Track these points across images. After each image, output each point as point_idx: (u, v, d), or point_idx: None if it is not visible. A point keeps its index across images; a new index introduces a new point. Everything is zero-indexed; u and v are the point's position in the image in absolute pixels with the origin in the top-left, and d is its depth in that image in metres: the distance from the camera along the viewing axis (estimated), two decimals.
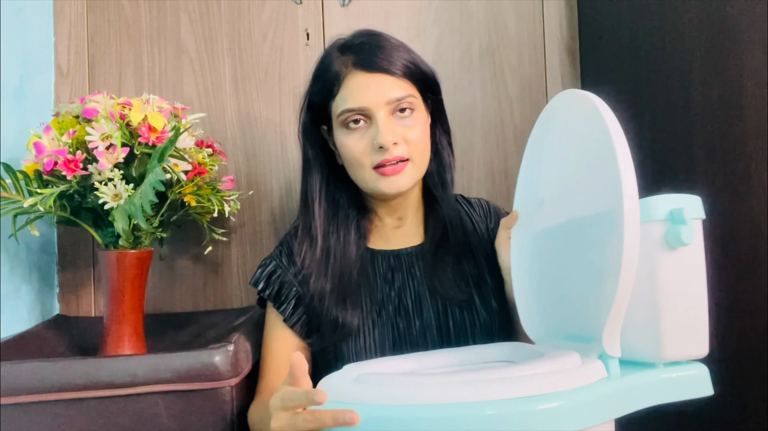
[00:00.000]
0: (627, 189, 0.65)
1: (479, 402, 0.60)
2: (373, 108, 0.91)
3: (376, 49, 0.93)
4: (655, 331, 0.70)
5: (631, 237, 0.65)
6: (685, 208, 0.70)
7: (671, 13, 1.03)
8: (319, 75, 0.98)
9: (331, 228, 0.98)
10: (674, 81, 1.02)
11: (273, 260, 1.01)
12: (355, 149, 0.93)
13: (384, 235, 1.03)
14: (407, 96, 0.93)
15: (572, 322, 0.79)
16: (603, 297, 0.69)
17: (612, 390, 0.66)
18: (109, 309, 0.96)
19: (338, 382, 0.69)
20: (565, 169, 0.83)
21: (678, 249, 0.70)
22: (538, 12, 1.37)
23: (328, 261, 0.97)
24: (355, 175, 0.96)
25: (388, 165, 0.92)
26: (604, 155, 0.69)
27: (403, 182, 0.94)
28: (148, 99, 0.99)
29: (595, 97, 0.73)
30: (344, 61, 0.94)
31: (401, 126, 0.93)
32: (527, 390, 0.61)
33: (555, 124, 0.84)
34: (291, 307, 0.97)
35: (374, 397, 0.63)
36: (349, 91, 0.92)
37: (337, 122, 0.95)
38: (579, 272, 0.78)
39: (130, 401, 0.83)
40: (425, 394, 0.61)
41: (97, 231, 0.99)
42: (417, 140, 0.94)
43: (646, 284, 0.70)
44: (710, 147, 0.94)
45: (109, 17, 1.28)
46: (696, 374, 0.71)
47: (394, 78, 0.93)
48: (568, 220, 0.81)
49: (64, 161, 0.91)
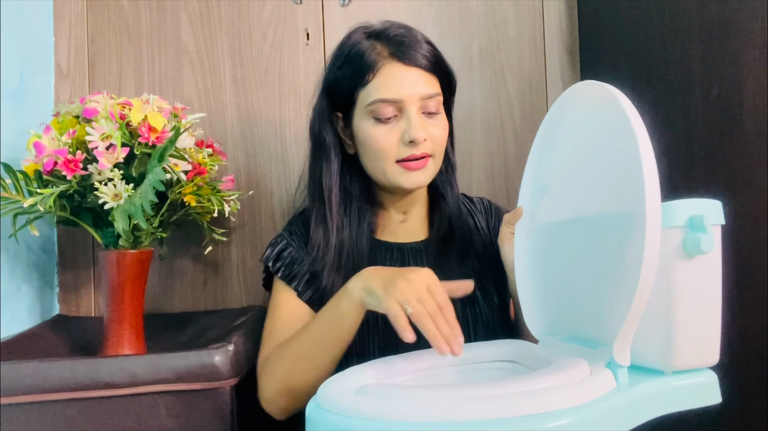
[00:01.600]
0: (650, 192, 0.62)
1: (487, 420, 0.57)
2: (408, 101, 0.91)
3: (415, 43, 0.93)
4: (667, 340, 0.68)
5: (651, 247, 0.61)
6: (706, 214, 0.67)
7: (671, 13, 1.03)
8: (348, 59, 0.94)
9: (344, 221, 0.97)
10: (674, 81, 1.02)
11: (283, 238, 1.00)
12: (384, 141, 0.92)
13: (390, 229, 1.02)
14: (437, 94, 0.93)
15: (578, 324, 0.77)
16: (615, 304, 0.66)
17: (622, 402, 0.63)
18: (109, 309, 0.96)
19: (340, 393, 0.67)
20: (578, 164, 0.79)
21: (696, 257, 0.67)
22: (538, 12, 1.37)
23: (342, 254, 0.95)
24: (375, 167, 0.95)
25: (413, 160, 0.92)
26: (622, 153, 0.65)
27: (423, 178, 0.94)
28: (148, 99, 0.99)
29: (616, 89, 0.69)
30: (380, 50, 0.93)
31: (429, 123, 0.93)
32: (536, 406, 0.59)
33: (568, 117, 0.81)
34: (304, 282, 0.96)
35: (378, 413, 0.61)
36: (385, 81, 0.91)
37: (364, 111, 0.93)
38: (587, 272, 0.75)
39: (130, 401, 0.83)
40: (431, 411, 0.59)
41: (97, 232, 0.99)
42: (441, 138, 0.94)
43: (660, 291, 0.66)
44: (710, 147, 0.94)
45: (109, 17, 1.28)
46: (705, 381, 0.69)
47: (428, 74, 0.93)
48: (577, 217, 0.78)
49: (64, 161, 0.91)
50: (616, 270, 0.68)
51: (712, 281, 0.69)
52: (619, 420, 0.62)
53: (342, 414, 0.63)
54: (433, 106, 0.93)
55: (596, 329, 0.71)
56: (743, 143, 0.88)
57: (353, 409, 0.63)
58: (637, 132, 0.64)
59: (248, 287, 1.27)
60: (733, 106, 0.89)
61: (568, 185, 0.81)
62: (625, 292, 0.64)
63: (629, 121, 0.65)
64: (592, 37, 1.31)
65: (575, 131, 0.80)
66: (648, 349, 0.70)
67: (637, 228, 0.63)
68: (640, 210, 0.62)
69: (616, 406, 0.62)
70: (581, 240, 0.77)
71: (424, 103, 0.92)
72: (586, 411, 0.59)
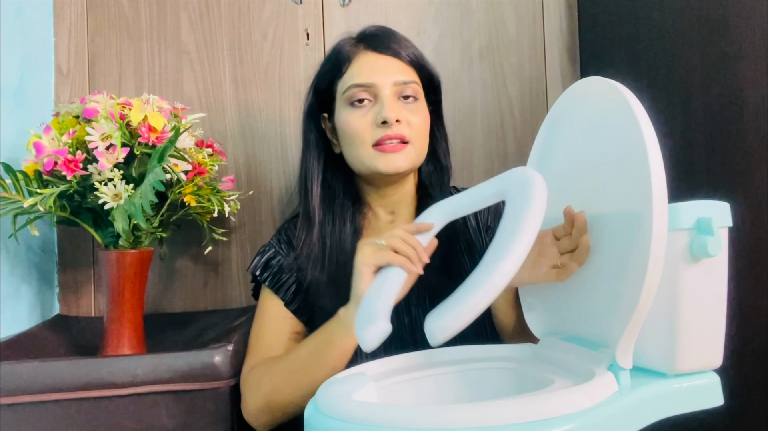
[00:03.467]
0: (657, 192, 0.61)
1: (489, 427, 0.56)
2: (381, 85, 0.93)
3: (389, 36, 0.97)
4: (671, 342, 0.67)
5: (657, 249, 0.60)
6: (714, 217, 0.66)
7: (671, 13, 1.03)
8: (328, 58, 1.00)
9: (327, 217, 0.98)
10: (674, 81, 1.02)
11: (272, 247, 1.01)
12: (358, 125, 0.94)
13: (377, 231, 1.02)
14: (413, 81, 0.95)
15: (580, 324, 0.76)
16: (618, 305, 0.65)
17: (624, 406, 0.62)
18: (109, 309, 0.96)
19: (339, 397, 0.66)
20: (582, 162, 0.78)
21: (702, 260, 0.66)
22: (538, 12, 1.37)
23: (324, 251, 0.97)
24: (353, 154, 0.96)
25: (388, 142, 0.92)
26: (629, 151, 0.64)
27: (400, 162, 0.93)
28: (148, 99, 0.99)
29: (623, 86, 0.67)
30: (356, 44, 0.97)
31: (405, 109, 0.94)
32: (537, 413, 0.58)
33: (572, 114, 0.79)
34: (291, 292, 0.97)
35: (378, 419, 0.60)
36: (359, 68, 0.95)
37: (342, 100, 0.96)
38: (590, 272, 0.73)
39: (130, 401, 0.84)
40: (432, 419, 0.58)
41: (97, 232, 0.99)
42: (419, 124, 0.95)
43: (664, 294, 0.65)
44: (710, 147, 0.94)
45: (109, 17, 1.28)
46: (707, 384, 0.68)
47: (403, 63, 0.95)
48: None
49: (64, 161, 0.91)
50: (620, 271, 0.67)
51: (717, 284, 0.68)
52: (621, 424, 0.61)
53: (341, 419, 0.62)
54: (410, 91, 0.95)
55: (598, 330, 0.71)
56: (743, 143, 0.88)
57: (352, 414, 0.62)
58: (644, 130, 0.62)
59: (248, 287, 1.27)
60: (733, 106, 0.89)
61: (572, 183, 0.80)
62: (630, 294, 0.63)
63: (636, 118, 0.63)
64: (592, 37, 1.31)
65: (579, 128, 0.78)
66: (651, 351, 0.69)
67: (643, 229, 0.61)
68: (646, 210, 0.61)
69: (619, 410, 0.62)
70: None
71: (399, 88, 0.94)
72: (588, 415, 0.59)
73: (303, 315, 0.97)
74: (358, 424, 0.60)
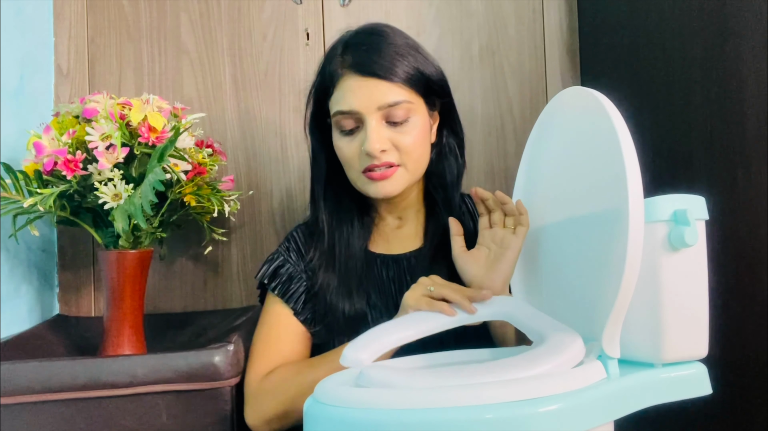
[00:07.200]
0: (632, 188, 0.65)
1: (478, 406, 0.59)
2: (364, 113, 0.90)
3: (374, 52, 0.90)
4: (655, 332, 0.70)
5: (635, 238, 0.64)
6: (689, 208, 0.70)
7: (671, 13, 1.03)
8: (321, 70, 0.97)
9: (334, 223, 0.99)
10: (674, 81, 1.02)
11: (280, 255, 1.01)
12: (348, 152, 0.93)
13: (385, 236, 1.02)
14: (402, 101, 0.90)
15: (569, 320, 0.78)
16: (603, 298, 0.69)
17: (611, 392, 0.66)
18: (109, 309, 0.96)
19: (337, 385, 0.68)
20: (567, 167, 0.82)
21: (681, 250, 0.70)
22: (538, 12, 1.37)
23: (334, 255, 0.97)
24: (348, 175, 0.96)
25: (377, 170, 0.91)
26: (608, 153, 0.68)
27: (390, 188, 0.92)
28: (148, 99, 0.99)
29: (600, 94, 0.72)
30: (342, 60, 0.93)
31: (394, 132, 0.91)
32: (526, 392, 0.60)
33: (557, 122, 0.84)
34: (301, 302, 0.97)
35: (374, 402, 0.62)
36: (342, 94, 0.91)
37: (333, 121, 0.95)
38: (578, 271, 0.77)
39: (130, 401, 0.84)
40: (423, 398, 0.61)
41: (97, 232, 0.99)
42: (410, 147, 0.91)
43: (647, 284, 0.69)
44: (710, 147, 0.94)
45: (109, 17, 1.28)
46: (695, 373, 0.71)
47: (389, 83, 0.89)
48: (568, 218, 0.81)
49: (64, 161, 0.91)
50: (603, 265, 0.71)
51: (697, 274, 0.72)
52: (609, 408, 0.64)
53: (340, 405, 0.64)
54: (400, 114, 0.90)
55: (586, 324, 0.73)
56: (743, 143, 0.88)
57: (350, 397, 0.64)
58: (619, 132, 0.67)
59: (248, 287, 1.27)
60: (733, 105, 0.89)
61: (558, 186, 0.85)
62: (612, 284, 0.66)
63: (612, 123, 0.68)
64: (592, 37, 1.30)
65: (564, 134, 0.83)
66: (638, 343, 0.72)
67: (621, 223, 0.65)
68: (623, 205, 0.65)
69: (606, 394, 0.65)
70: (573, 240, 0.80)
71: (387, 112, 0.90)
72: (576, 397, 0.62)
73: (311, 323, 0.97)
74: (355, 408, 0.62)
